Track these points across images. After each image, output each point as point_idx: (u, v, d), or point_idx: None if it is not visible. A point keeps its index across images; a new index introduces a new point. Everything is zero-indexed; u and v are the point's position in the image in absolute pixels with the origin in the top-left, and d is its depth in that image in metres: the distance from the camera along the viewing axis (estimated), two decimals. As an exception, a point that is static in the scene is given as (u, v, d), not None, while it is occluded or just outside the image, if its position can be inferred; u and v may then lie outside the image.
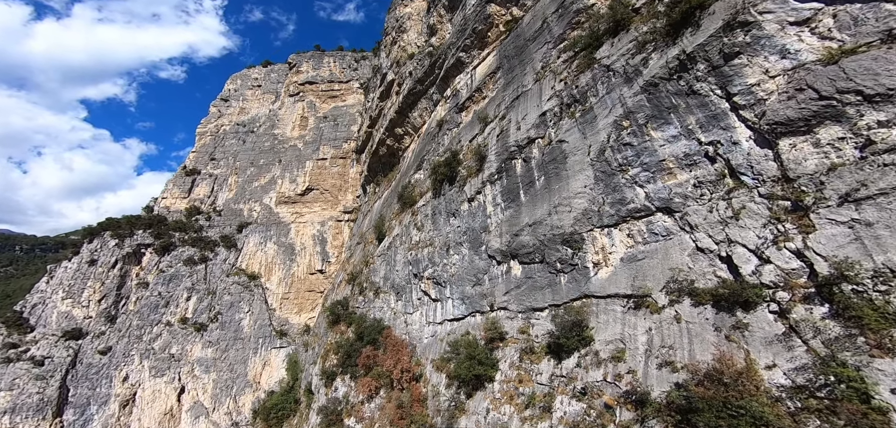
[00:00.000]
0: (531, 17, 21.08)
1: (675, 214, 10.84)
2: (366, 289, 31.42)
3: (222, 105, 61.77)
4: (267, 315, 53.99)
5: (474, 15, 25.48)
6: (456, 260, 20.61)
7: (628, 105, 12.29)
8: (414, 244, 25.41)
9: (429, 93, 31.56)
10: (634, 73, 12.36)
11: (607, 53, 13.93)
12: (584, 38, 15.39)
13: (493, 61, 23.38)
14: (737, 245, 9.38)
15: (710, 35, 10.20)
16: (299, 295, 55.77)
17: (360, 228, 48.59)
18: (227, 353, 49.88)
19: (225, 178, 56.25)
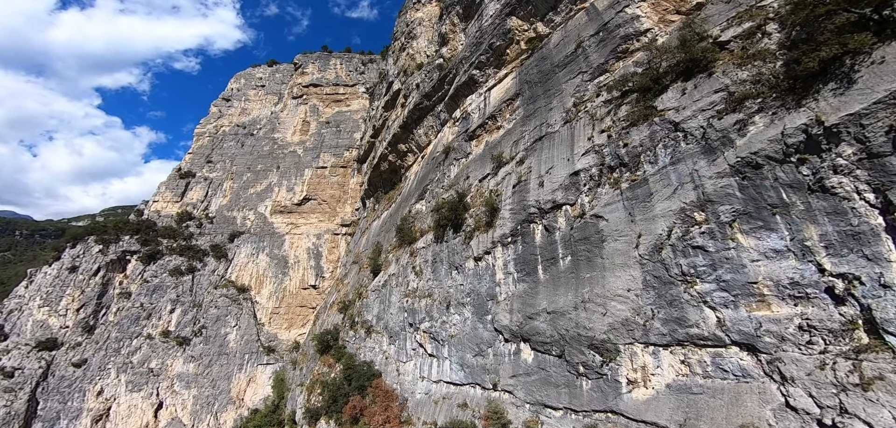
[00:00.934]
0: (561, 37, 18.30)
1: (761, 356, 7.78)
2: (357, 324, 29.29)
3: (223, 105, 61.11)
4: (255, 330, 52.18)
5: (491, 28, 22.91)
6: (457, 321, 17.98)
7: (706, 189, 9.09)
8: (411, 291, 22.87)
9: (436, 110, 29.08)
10: (721, 141, 9.07)
11: (675, 105, 10.78)
12: (638, 77, 12.28)
13: (512, 85, 20.63)
14: (857, 421, 6.26)
15: (876, 101, 6.80)
16: (290, 310, 53.81)
17: (356, 245, 46.52)
18: (210, 368, 48.13)
19: (220, 183, 55.03)
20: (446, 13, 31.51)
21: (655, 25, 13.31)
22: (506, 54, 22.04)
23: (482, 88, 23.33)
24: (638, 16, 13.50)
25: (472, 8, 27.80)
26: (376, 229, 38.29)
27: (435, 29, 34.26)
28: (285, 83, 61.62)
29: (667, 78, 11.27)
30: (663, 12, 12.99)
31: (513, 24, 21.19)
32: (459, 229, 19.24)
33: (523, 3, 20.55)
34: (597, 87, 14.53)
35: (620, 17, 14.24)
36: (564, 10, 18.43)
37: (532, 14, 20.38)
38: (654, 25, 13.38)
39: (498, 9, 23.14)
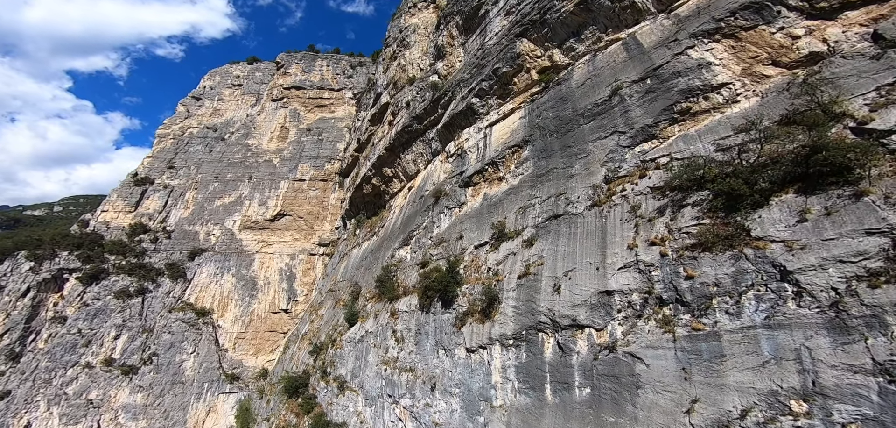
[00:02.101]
0: (587, 75, 15.17)
1: None
2: (329, 375, 26.00)
3: (193, 104, 56.49)
4: (216, 356, 47.53)
5: (497, 49, 19.79)
6: (443, 409, 14.76)
7: (821, 379, 5.97)
8: (390, 359, 19.47)
9: (427, 136, 25.76)
10: (868, 323, 5.73)
11: (787, 236, 7.08)
12: (719, 176, 8.31)
13: (519, 125, 17.42)
14: None
15: None
16: (258, 335, 49.31)
17: (334, 270, 42.80)
18: (161, 398, 43.53)
19: (183, 193, 50.34)
20: (444, 23, 28.41)
21: (736, 80, 9.73)
22: (513, 84, 18.88)
23: (482, 122, 20.08)
24: (708, 63, 10.17)
25: (474, 21, 24.73)
26: (356, 260, 34.67)
27: (431, 39, 31.12)
28: (265, 83, 57.51)
29: (769, 181, 7.45)
30: (750, 62, 9.48)
31: (523, 47, 18.10)
32: (449, 306, 15.81)
33: (537, 25, 17.49)
34: (641, 160, 11.11)
35: (680, 62, 10.89)
36: (591, 37, 15.43)
37: (548, 38, 17.31)
38: (733, 80, 9.80)
39: (505, 27, 20.08)
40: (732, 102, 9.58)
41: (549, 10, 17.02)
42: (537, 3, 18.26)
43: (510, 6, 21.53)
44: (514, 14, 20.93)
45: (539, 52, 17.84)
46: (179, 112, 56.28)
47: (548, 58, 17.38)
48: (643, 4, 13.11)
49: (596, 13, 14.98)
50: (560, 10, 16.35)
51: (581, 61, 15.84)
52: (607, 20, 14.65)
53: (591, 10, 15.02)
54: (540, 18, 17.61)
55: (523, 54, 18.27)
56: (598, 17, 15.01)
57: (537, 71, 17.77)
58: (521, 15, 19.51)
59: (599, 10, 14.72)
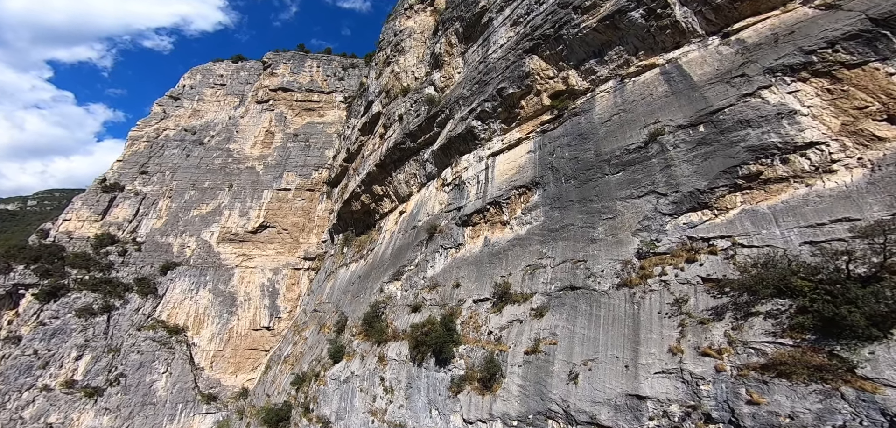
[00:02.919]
0: (613, 108, 12.67)
1: None
2: (312, 411, 23.48)
3: (170, 104, 52.91)
4: (191, 376, 44.48)
5: (502, 66, 17.48)
6: None
7: None
8: (378, 410, 17.05)
9: (421, 155, 23.36)
10: None
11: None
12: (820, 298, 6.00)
13: (527, 161, 15.06)
14: None
15: None
16: (238, 353, 46.32)
17: (320, 288, 40.11)
18: (130, 420, 40.64)
19: (155, 201, 46.92)
20: (442, 29, 26.05)
21: (833, 139, 6.92)
22: (520, 107, 16.58)
23: (484, 149, 17.73)
24: (791, 112, 7.53)
25: (475, 29, 22.43)
26: (343, 282, 32.09)
27: (427, 45, 28.73)
28: (251, 84, 54.29)
29: (892, 307, 5.38)
30: (854, 115, 6.66)
31: (533, 65, 15.80)
32: (445, 365, 13.48)
33: (550, 40, 15.22)
34: (688, 237, 8.46)
35: (749, 107, 8.26)
36: (617, 60, 13.17)
37: (563, 57, 15.03)
38: (829, 139, 7.01)
39: (512, 40, 17.81)
40: (826, 172, 7.03)
41: (566, 24, 14.79)
42: (551, 15, 16.02)
43: (517, 16, 19.30)
44: (522, 25, 18.67)
45: (552, 71, 15.57)
46: (155, 113, 52.72)
47: (562, 80, 15.11)
48: (687, 24, 10.91)
49: (624, 32, 12.80)
50: (579, 26, 14.13)
51: (603, 88, 13.55)
52: (639, 41, 12.46)
53: (618, 27, 12.84)
54: (554, 33, 15.38)
55: (533, 74, 16.00)
56: (626, 36, 12.83)
57: (549, 95, 15.48)
58: (531, 27, 17.25)
59: (629, 28, 12.52)
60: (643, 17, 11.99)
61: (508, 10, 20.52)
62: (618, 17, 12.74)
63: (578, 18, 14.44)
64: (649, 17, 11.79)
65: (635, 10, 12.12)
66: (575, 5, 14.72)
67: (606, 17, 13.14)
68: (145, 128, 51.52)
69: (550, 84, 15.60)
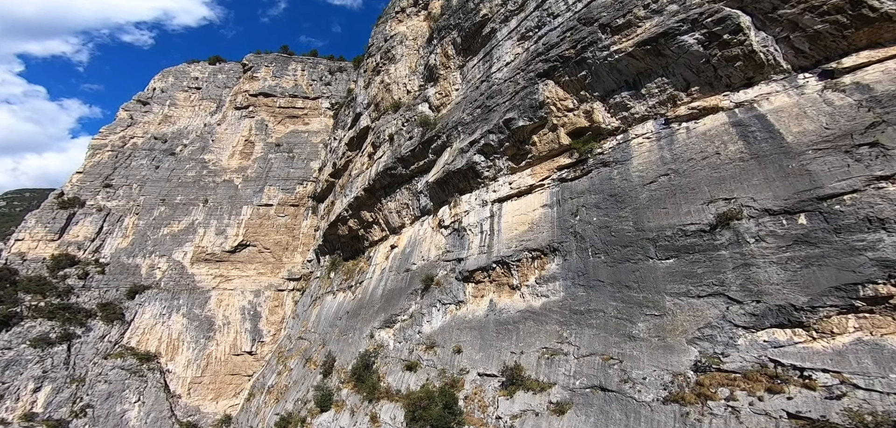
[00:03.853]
0: (659, 161, 9.82)
1: None
2: None
3: (138, 109, 47.82)
4: (166, 404, 40.65)
5: (510, 90, 14.56)
6: None
7: None
8: None
9: (414, 185, 20.30)
10: None
11: None
12: None
13: (542, 217, 12.18)
14: None
15: None
16: (217, 379, 42.61)
17: (305, 313, 36.87)
18: None
19: (121, 217, 42.27)
20: (437, 38, 22.92)
21: None
22: (531, 143, 13.69)
23: (488, 191, 14.82)
24: None
25: (475, 41, 19.43)
26: (329, 313, 28.95)
27: (421, 55, 25.53)
28: (229, 87, 49.66)
29: None
30: None
31: (548, 93, 12.94)
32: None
33: (570, 64, 12.40)
34: (771, 359, 5.84)
35: (886, 197, 5.73)
36: (659, 95, 10.43)
37: (586, 85, 12.20)
38: None
39: (521, 58, 14.93)
40: None
41: (591, 45, 11.96)
42: (570, 33, 13.17)
43: (526, 29, 16.39)
44: (531, 41, 15.77)
45: (571, 102, 12.74)
46: (120, 119, 47.64)
47: (584, 114, 12.27)
48: (767, 55, 8.19)
49: (671, 60, 10.06)
50: (609, 49, 11.33)
51: (641, 132, 10.66)
52: (692, 73, 9.70)
53: (662, 54, 10.11)
54: (575, 55, 12.55)
55: (548, 104, 13.14)
56: (674, 66, 10.09)
57: (568, 131, 12.63)
58: (544, 45, 14.38)
59: (679, 56, 9.75)
60: (701, 44, 9.25)
61: (514, 22, 17.60)
62: (664, 41, 9.98)
63: (607, 39, 11.64)
64: (710, 43, 9.06)
65: (689, 33, 9.37)
66: (603, 23, 11.90)
67: (647, 42, 10.37)
68: (109, 136, 46.45)
69: (570, 118, 12.77)
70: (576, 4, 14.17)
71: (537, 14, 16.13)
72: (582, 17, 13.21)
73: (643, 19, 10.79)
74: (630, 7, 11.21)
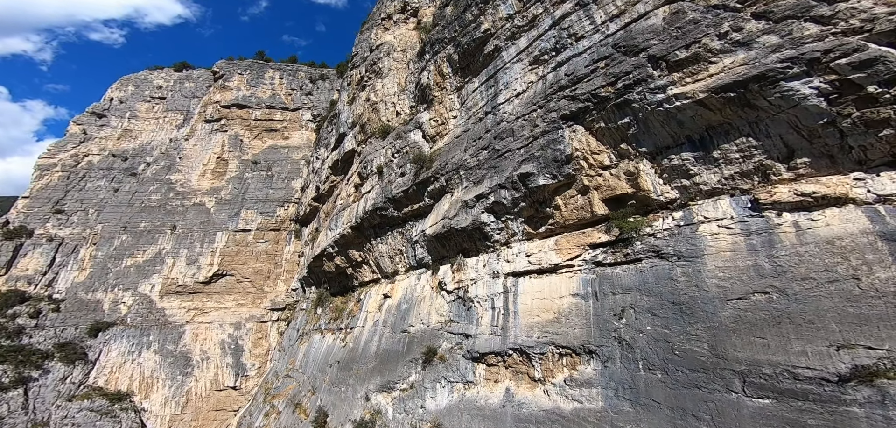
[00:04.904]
0: (753, 270, 6.41)
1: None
2: None
3: (92, 123, 41.51)
4: None
5: (525, 133, 11.22)
6: None
7: None
8: None
9: (409, 230, 16.84)
10: None
11: None
12: None
13: (572, 308, 9.01)
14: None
15: None
16: (199, 416, 38.37)
17: (291, 348, 33.26)
18: None
19: (76, 247, 36.73)
20: (430, 52, 19.26)
21: None
22: (554, 206, 10.50)
23: (499, 258, 11.61)
24: None
25: (476, 60, 15.99)
26: (319, 356, 25.55)
27: (411, 71, 21.77)
28: (198, 98, 43.92)
29: None
30: None
31: (577, 144, 9.79)
32: None
33: (607, 108, 9.27)
34: None
35: None
36: (741, 162, 7.38)
37: (631, 138, 9.07)
38: None
39: (537, 90, 11.72)
40: None
41: (639, 84, 8.84)
42: (605, 65, 10.02)
43: (540, 52, 13.11)
44: (548, 66, 12.52)
45: (608, 156, 9.61)
46: (72, 134, 41.34)
47: (626, 177, 9.12)
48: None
49: (767, 116, 7.00)
50: (666, 92, 8.25)
51: (712, 210, 7.58)
52: (802, 138, 6.48)
53: (753, 106, 7.07)
54: (615, 96, 9.42)
55: (578, 158, 9.99)
56: (770, 125, 7.05)
57: (604, 197, 9.55)
58: (568, 76, 11.15)
59: (782, 111, 6.64)
60: (824, 97, 6.20)
61: (524, 40, 14.26)
62: (758, 88, 6.95)
63: (663, 78, 8.54)
64: (841, 97, 6.07)
65: (804, 80, 6.35)
66: (654, 54, 8.80)
67: (730, 87, 7.31)
68: (59, 154, 40.18)
69: (606, 179, 9.66)
70: (607, 25, 10.96)
71: (553, 34, 12.84)
72: (619, 44, 10.03)
73: (719, 53, 7.73)
74: (696, 35, 8.12)
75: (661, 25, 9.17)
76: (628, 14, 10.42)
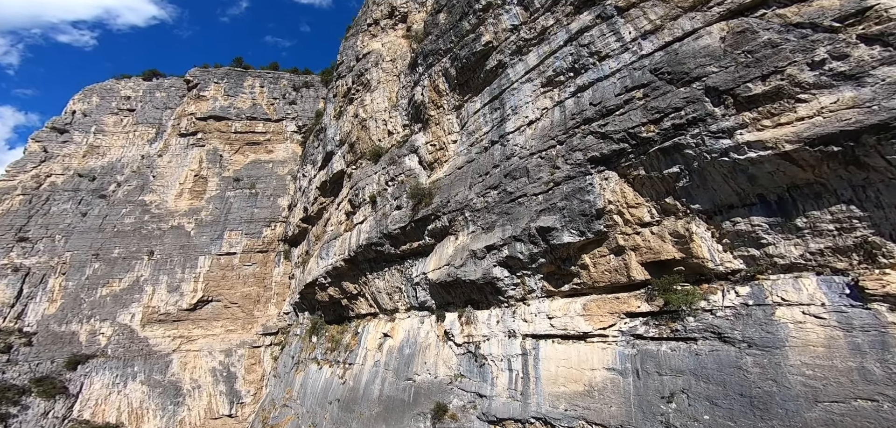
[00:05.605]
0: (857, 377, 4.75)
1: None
2: None
3: (54, 139, 37.21)
4: None
5: (543, 175, 9.12)
6: None
7: None
8: None
9: (408, 269, 14.74)
10: None
11: None
12: None
13: (607, 386, 7.31)
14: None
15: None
16: None
17: (287, 376, 31.34)
18: None
19: (44, 277, 33.24)
20: (424, 65, 16.83)
21: None
22: (581, 266, 8.57)
23: (515, 316, 9.65)
24: None
25: (476, 74, 13.75)
26: (317, 390, 23.70)
27: (403, 84, 19.24)
28: (170, 109, 39.91)
29: None
30: None
31: (610, 197, 7.87)
32: None
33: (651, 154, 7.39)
34: None
35: None
36: (832, 233, 5.59)
37: (679, 191, 7.20)
38: None
39: (556, 120, 9.72)
40: None
41: (695, 123, 6.88)
42: (644, 93, 8.04)
43: (555, 72, 11.00)
44: (566, 91, 10.45)
45: (649, 212, 7.71)
46: (32, 152, 37.10)
47: (673, 239, 7.19)
48: None
49: (876, 180, 5.17)
50: (734, 137, 6.37)
51: (793, 293, 5.81)
52: None
53: (861, 163, 5.16)
54: (661, 138, 7.48)
55: (610, 213, 8.12)
56: (879, 191, 5.26)
57: (644, 260, 7.69)
58: (595, 106, 9.12)
59: None
60: None
61: (533, 56, 12.09)
62: (873, 141, 5.11)
63: (730, 118, 6.61)
64: None
65: None
66: (715, 86, 6.84)
67: (832, 138, 5.45)
68: (19, 175, 36.03)
69: (647, 238, 7.77)
70: (640, 44, 8.92)
71: (570, 51, 10.71)
72: (661, 69, 8.02)
73: (813, 89, 5.82)
74: (777, 62, 6.18)
75: (720, 48, 7.17)
76: (668, 31, 8.36)
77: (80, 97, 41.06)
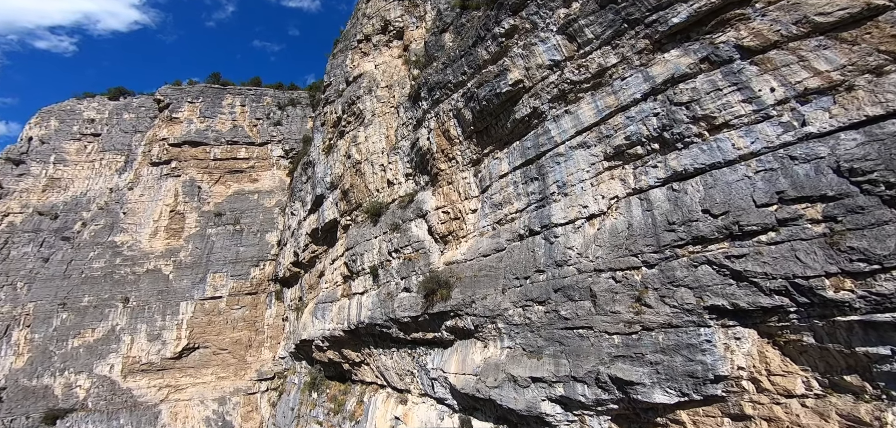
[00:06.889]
0: None
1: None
2: None
3: (7, 173, 32.15)
4: None
5: (633, 317, 5.97)
6: None
7: None
8: None
9: (420, 357, 11.58)
10: None
11: None
12: None
13: None
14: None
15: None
16: None
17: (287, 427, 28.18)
18: None
19: (7, 329, 29.11)
20: (429, 100, 13.26)
21: None
22: (675, 421, 5.67)
23: None
24: None
25: (499, 122, 10.47)
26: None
27: (403, 121, 15.53)
28: (141, 132, 34.98)
29: None
30: None
31: (740, 360, 4.87)
32: None
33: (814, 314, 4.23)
34: None
35: None
36: None
37: (861, 364, 4.19)
38: None
39: (647, 231, 6.47)
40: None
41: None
42: (830, 230, 4.87)
43: (634, 139, 7.72)
44: (651, 171, 7.24)
45: (804, 384, 4.65)
46: (-19, 191, 32.12)
47: (845, 423, 4.39)
48: None
49: None
50: None
51: None
52: None
53: None
54: (866, 306, 4.38)
55: (736, 378, 5.08)
56: None
57: None
58: (718, 221, 5.92)
59: None
60: None
61: (588, 110, 8.81)
62: None
63: None
64: None
65: None
66: None
67: None
68: (-34, 220, 31.14)
69: (795, 412, 4.76)
70: (801, 114, 5.67)
71: (653, 109, 7.41)
72: (860, 169, 4.82)
73: None
74: None
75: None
76: (871, 97, 5.12)
77: (36, 120, 35.72)
